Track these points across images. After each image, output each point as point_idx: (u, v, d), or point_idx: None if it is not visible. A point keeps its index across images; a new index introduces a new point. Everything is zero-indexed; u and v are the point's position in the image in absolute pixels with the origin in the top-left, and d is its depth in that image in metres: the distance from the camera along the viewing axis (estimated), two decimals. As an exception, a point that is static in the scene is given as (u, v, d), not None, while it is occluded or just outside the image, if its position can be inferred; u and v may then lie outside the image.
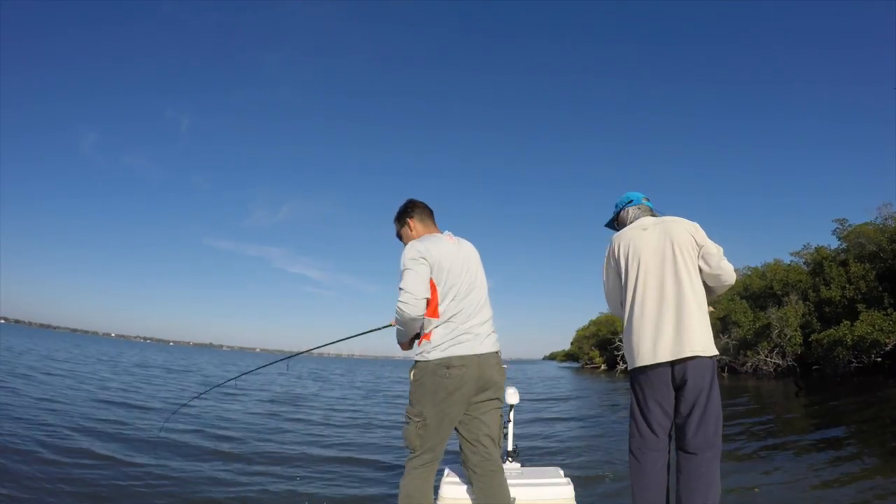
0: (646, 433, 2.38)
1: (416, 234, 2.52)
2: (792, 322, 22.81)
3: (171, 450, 5.52)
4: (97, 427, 6.39)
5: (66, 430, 5.96)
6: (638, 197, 2.72)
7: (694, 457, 2.25)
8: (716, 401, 2.28)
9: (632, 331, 2.43)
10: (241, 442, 6.31)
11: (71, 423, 6.46)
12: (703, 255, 2.42)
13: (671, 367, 2.29)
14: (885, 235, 21.90)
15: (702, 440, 2.24)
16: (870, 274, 21.26)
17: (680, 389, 2.30)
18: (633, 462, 2.41)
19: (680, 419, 2.32)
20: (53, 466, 4.42)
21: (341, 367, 48.54)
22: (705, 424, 2.24)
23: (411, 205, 2.59)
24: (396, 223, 2.62)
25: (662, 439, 2.36)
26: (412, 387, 2.29)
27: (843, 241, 24.73)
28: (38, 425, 6.05)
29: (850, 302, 21.45)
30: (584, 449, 6.25)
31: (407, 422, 2.27)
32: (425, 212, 2.59)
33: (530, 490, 2.41)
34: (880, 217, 23.84)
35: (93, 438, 5.68)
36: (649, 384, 2.36)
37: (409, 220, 2.56)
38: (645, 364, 2.34)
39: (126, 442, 5.70)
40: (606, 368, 41.73)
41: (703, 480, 2.21)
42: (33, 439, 5.30)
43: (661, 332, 2.32)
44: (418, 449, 2.23)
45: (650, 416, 2.37)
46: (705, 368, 2.27)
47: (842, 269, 22.75)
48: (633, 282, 2.46)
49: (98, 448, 5.24)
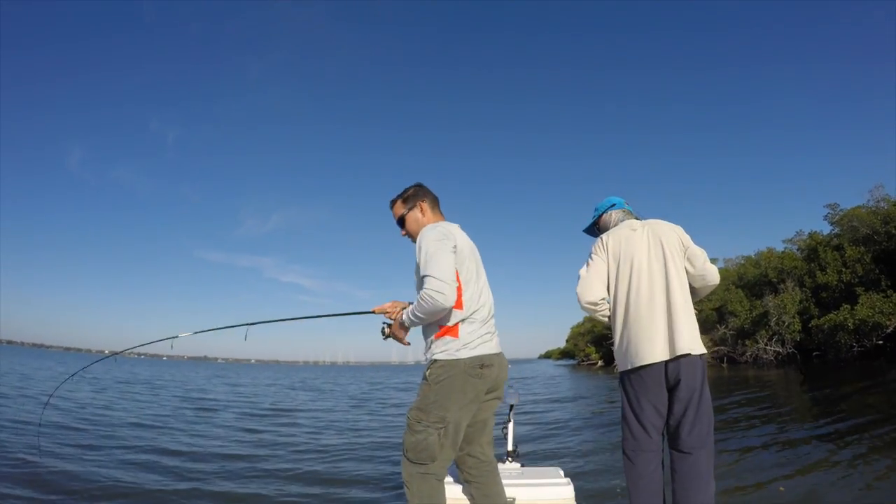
0: (639, 434, 2.37)
1: (426, 220, 2.30)
2: (790, 309, 22.62)
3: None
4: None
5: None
6: (620, 201, 2.72)
7: (689, 456, 2.26)
8: (708, 399, 2.30)
9: (625, 331, 2.41)
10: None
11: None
12: (688, 257, 2.46)
13: (665, 366, 2.29)
14: (878, 218, 21.90)
15: (696, 439, 2.26)
16: (866, 257, 21.17)
17: (673, 389, 2.30)
18: (627, 464, 2.40)
19: (674, 419, 2.32)
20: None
21: (347, 374, 48.06)
22: (699, 423, 2.26)
23: (423, 188, 2.38)
24: (403, 205, 2.35)
25: (656, 440, 2.36)
26: (432, 389, 2.06)
27: (836, 226, 24.68)
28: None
29: (847, 286, 21.34)
30: (584, 449, 6.14)
31: (420, 431, 2.03)
32: (435, 199, 2.39)
33: (530, 490, 2.40)
34: (872, 200, 23.94)
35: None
36: (642, 384, 2.34)
37: (422, 204, 2.33)
38: (641, 364, 2.31)
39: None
40: (603, 364, 41.58)
41: (700, 479, 2.22)
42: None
43: (655, 333, 2.31)
44: (437, 459, 2.04)
45: (643, 417, 2.36)
46: (697, 367, 2.28)
47: (837, 253, 22.67)
48: (625, 282, 2.44)
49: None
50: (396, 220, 2.36)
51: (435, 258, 2.02)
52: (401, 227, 2.36)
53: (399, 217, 2.34)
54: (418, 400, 2.09)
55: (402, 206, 2.34)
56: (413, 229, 2.31)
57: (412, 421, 2.07)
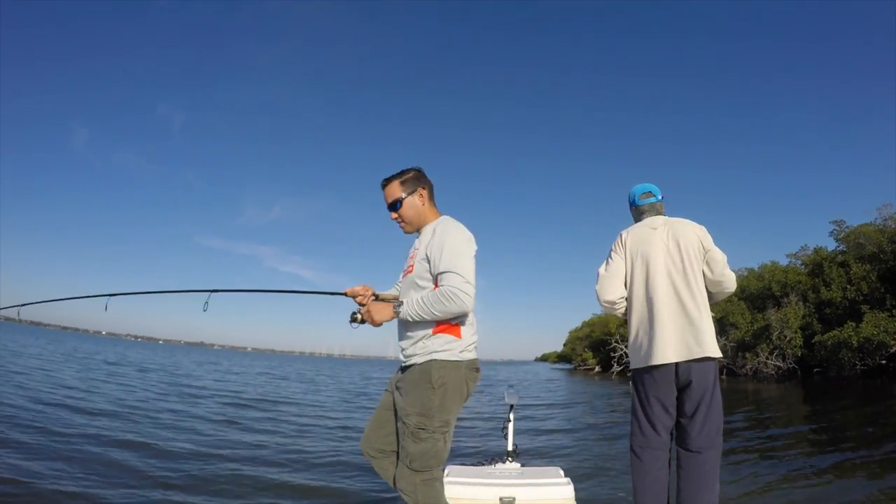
0: (648, 431, 2.38)
1: (425, 209, 2.17)
2: (792, 323, 22.27)
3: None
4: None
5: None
6: (656, 191, 2.69)
7: (697, 455, 2.28)
8: (719, 401, 2.33)
9: (639, 331, 2.43)
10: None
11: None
12: (707, 261, 2.44)
13: (676, 366, 2.30)
14: (885, 236, 21.65)
15: (705, 439, 2.28)
16: (871, 275, 20.87)
17: (684, 389, 2.32)
18: (634, 460, 2.40)
19: (684, 418, 2.34)
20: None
21: (331, 367, 47.82)
22: (709, 424, 2.28)
23: (424, 174, 2.21)
24: (401, 188, 2.15)
25: (664, 438, 2.37)
26: (436, 393, 1.94)
27: (841, 243, 24.47)
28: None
29: (851, 303, 21.01)
30: (584, 449, 6.16)
31: (426, 438, 1.93)
32: (432, 189, 2.24)
33: (530, 490, 2.40)
34: (880, 218, 23.72)
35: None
36: (653, 383, 2.35)
37: (422, 191, 2.18)
38: (654, 364, 2.32)
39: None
40: (600, 370, 41.29)
41: (706, 479, 2.24)
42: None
43: (669, 334, 2.32)
44: (443, 463, 2.01)
45: (653, 415, 2.36)
46: (710, 369, 2.31)
47: (842, 270, 22.35)
48: (641, 281, 2.45)
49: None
50: (389, 202, 2.16)
51: (464, 259, 1.95)
52: (392, 210, 2.17)
53: (395, 200, 2.14)
54: (419, 405, 1.94)
55: (400, 189, 2.15)
56: (409, 215, 2.16)
57: (415, 429, 1.93)
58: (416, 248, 2.14)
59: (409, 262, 2.16)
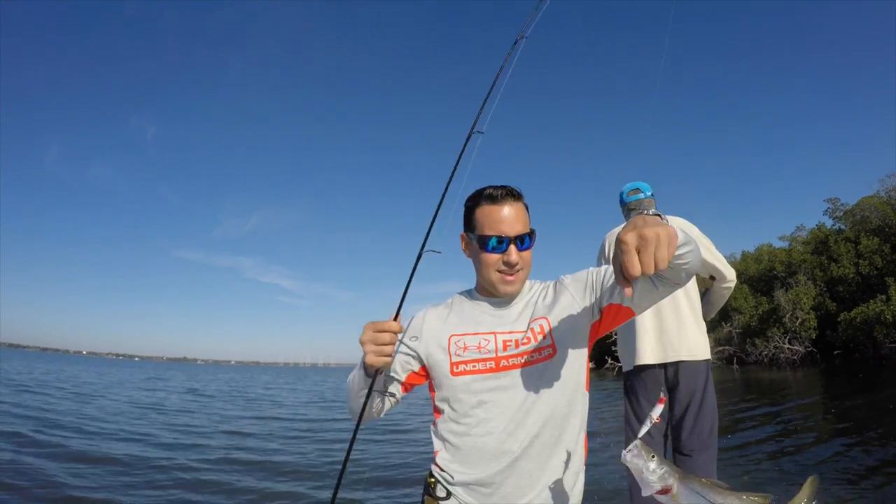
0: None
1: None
2: (805, 304, 20.82)
3: None
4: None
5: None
6: (645, 188, 2.64)
7: (689, 458, 2.31)
8: (710, 403, 2.35)
9: (627, 332, 2.47)
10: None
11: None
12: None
13: (663, 369, 2.38)
14: (891, 208, 20.59)
15: (696, 441, 2.32)
16: (884, 247, 19.62)
17: (672, 391, 2.38)
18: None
19: (674, 421, 2.39)
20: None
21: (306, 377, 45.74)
22: (699, 426, 2.32)
23: None
24: (528, 213, 1.37)
25: (658, 441, 2.38)
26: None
27: (839, 220, 23.71)
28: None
29: (864, 278, 19.72)
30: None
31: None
32: None
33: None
34: (883, 189, 22.72)
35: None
36: (643, 386, 2.42)
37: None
38: (640, 364, 2.39)
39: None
40: (595, 367, 40.27)
41: None
42: None
43: (655, 335, 2.39)
44: None
45: (644, 418, 2.11)
46: (697, 371, 2.36)
47: (850, 245, 21.10)
48: None
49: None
50: (514, 234, 1.30)
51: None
52: (518, 246, 1.30)
53: (527, 233, 1.32)
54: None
55: (528, 217, 1.36)
56: (528, 262, 1.36)
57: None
58: (510, 316, 1.36)
59: (521, 337, 1.31)
